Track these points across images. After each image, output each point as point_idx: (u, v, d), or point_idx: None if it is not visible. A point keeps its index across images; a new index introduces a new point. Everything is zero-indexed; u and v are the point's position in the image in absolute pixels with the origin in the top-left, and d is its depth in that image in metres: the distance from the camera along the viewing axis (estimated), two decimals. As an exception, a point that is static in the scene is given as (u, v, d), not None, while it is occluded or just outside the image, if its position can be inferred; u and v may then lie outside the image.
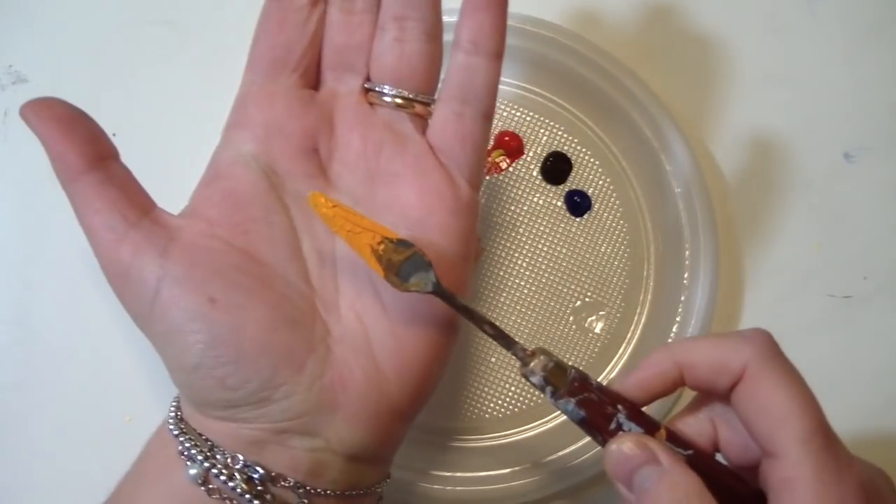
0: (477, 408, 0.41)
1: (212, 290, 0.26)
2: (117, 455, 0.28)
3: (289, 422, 0.26)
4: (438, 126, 0.30)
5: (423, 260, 0.26)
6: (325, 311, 0.28)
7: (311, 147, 0.29)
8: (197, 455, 0.26)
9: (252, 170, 0.28)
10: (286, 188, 0.29)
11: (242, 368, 0.25)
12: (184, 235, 0.27)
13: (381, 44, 0.30)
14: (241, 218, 0.28)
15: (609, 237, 0.42)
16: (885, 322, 0.43)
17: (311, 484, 0.26)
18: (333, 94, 0.31)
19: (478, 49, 0.29)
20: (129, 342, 0.41)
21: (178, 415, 0.27)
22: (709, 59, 0.46)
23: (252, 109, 0.29)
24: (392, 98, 0.30)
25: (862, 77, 0.45)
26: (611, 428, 0.25)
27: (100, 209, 0.26)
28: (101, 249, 0.26)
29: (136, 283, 0.26)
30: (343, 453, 0.27)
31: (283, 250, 0.28)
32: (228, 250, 0.27)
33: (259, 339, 0.26)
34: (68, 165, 0.26)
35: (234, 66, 0.31)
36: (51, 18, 0.46)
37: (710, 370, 0.25)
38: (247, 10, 0.31)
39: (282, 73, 0.29)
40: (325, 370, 0.27)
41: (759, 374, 0.24)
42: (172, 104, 0.45)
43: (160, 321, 0.26)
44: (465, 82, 0.30)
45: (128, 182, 0.27)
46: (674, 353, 0.26)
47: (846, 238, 0.43)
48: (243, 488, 0.25)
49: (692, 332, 0.39)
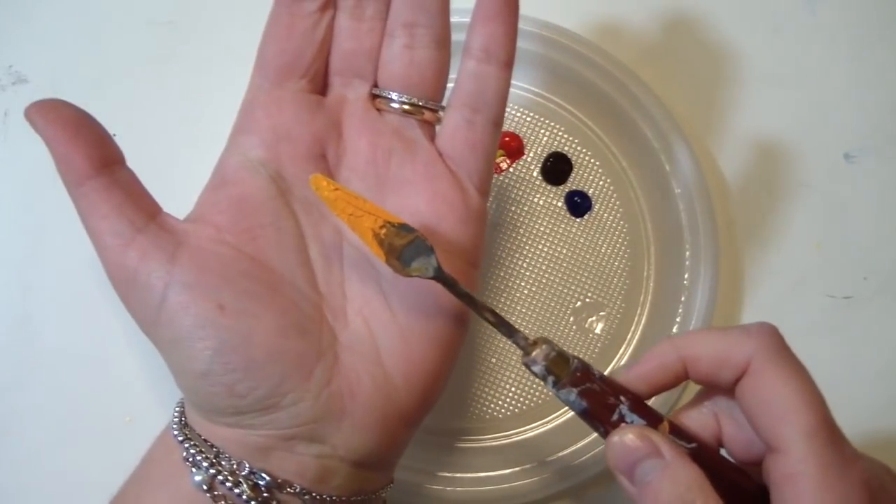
0: (477, 408, 0.41)
1: (220, 296, 0.26)
2: (117, 456, 0.28)
3: (296, 428, 0.26)
4: (449, 133, 0.30)
5: (424, 244, 0.26)
6: (332, 318, 0.28)
7: (319, 153, 0.29)
8: (202, 461, 0.25)
9: (260, 175, 0.28)
10: (294, 194, 0.29)
11: (251, 375, 0.25)
12: (191, 241, 0.27)
13: (390, 50, 0.30)
14: (250, 224, 0.28)
15: (609, 238, 0.42)
16: (885, 322, 0.43)
17: (317, 490, 0.26)
18: (342, 100, 0.30)
19: (489, 58, 0.29)
20: (130, 343, 0.41)
21: (183, 420, 0.27)
22: (709, 59, 0.46)
23: (260, 115, 0.29)
24: (400, 104, 0.30)
25: (862, 77, 0.45)
26: (613, 419, 0.25)
27: (106, 214, 0.26)
28: (107, 255, 0.26)
29: (143, 289, 0.26)
30: (349, 459, 0.27)
31: (291, 256, 0.28)
32: (237, 256, 0.27)
33: (268, 345, 0.26)
34: (75, 169, 0.26)
35: (234, 66, 0.31)
36: (51, 18, 0.46)
37: (713, 364, 0.25)
38: (247, 11, 0.31)
39: (290, 78, 0.29)
40: (333, 377, 0.27)
41: (763, 368, 0.24)
42: (172, 104, 0.45)
43: (167, 328, 0.26)
44: (476, 90, 0.30)
45: (134, 186, 0.27)
46: (677, 346, 0.25)
47: (846, 238, 0.43)
48: (249, 495, 0.25)
49: (692, 333, 0.40)
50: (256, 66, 0.30)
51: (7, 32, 0.46)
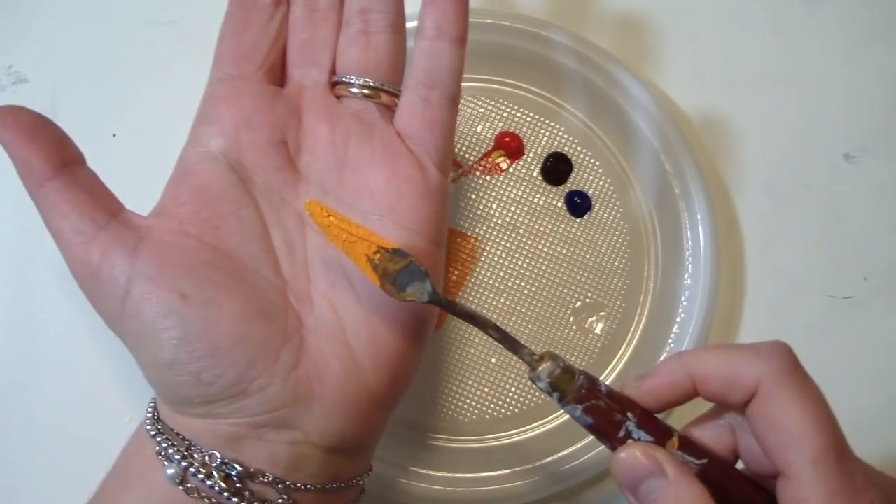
0: (477, 408, 0.41)
1: (183, 286, 0.26)
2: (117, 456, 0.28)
3: (266, 415, 0.26)
4: (406, 112, 0.31)
5: (419, 270, 0.26)
6: (297, 302, 0.28)
7: (279, 139, 0.30)
8: (174, 455, 0.26)
9: (220, 165, 0.29)
10: (255, 182, 0.29)
11: (217, 362, 0.26)
12: (153, 234, 0.27)
13: (347, 37, 0.31)
14: (211, 213, 0.28)
15: (609, 238, 0.42)
16: (885, 322, 0.43)
17: (291, 478, 0.26)
18: (300, 88, 0.31)
19: (441, 34, 0.30)
20: (130, 342, 0.41)
21: (155, 415, 0.27)
22: (709, 59, 0.46)
23: (220, 106, 0.30)
24: (359, 89, 0.31)
25: (862, 77, 0.45)
26: (619, 435, 0.25)
27: (67, 214, 0.26)
28: (69, 253, 0.27)
29: (106, 284, 0.26)
30: (322, 445, 0.27)
31: (253, 244, 0.28)
32: (199, 246, 0.27)
33: (232, 332, 0.26)
34: (34, 171, 0.26)
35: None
36: (51, 19, 0.46)
37: (722, 384, 0.24)
38: (247, 11, 0.31)
39: (248, 69, 0.30)
40: (300, 361, 0.27)
41: (772, 391, 0.23)
42: (172, 104, 0.45)
43: (132, 320, 0.26)
44: (430, 67, 0.30)
45: (95, 186, 0.28)
46: (686, 364, 0.25)
47: (846, 238, 0.43)
48: (221, 486, 0.25)
49: (693, 333, 0.40)
50: (215, 59, 0.31)
51: (7, 32, 0.45)
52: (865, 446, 0.24)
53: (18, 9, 0.46)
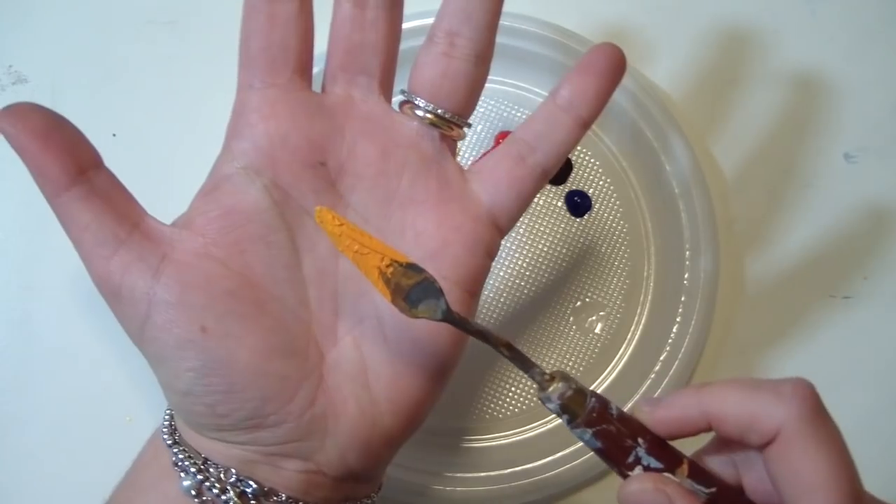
0: (477, 409, 0.41)
1: (204, 317, 0.25)
2: (118, 456, 0.28)
3: (279, 446, 0.26)
4: (496, 162, 0.29)
5: (433, 286, 0.25)
6: (321, 335, 0.27)
7: (319, 160, 0.27)
8: (190, 467, 0.25)
9: (253, 185, 0.27)
10: (289, 205, 0.27)
11: (233, 398, 0.25)
12: (177, 254, 0.26)
13: (427, 55, 0.28)
14: (239, 236, 0.26)
15: (609, 237, 0.42)
16: (885, 322, 0.43)
17: (304, 499, 0.26)
18: (347, 100, 0.28)
19: (571, 109, 0.29)
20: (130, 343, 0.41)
21: (172, 425, 0.27)
22: (709, 59, 0.46)
23: (253, 118, 0.27)
24: (426, 113, 0.28)
25: (862, 77, 0.45)
26: (629, 461, 0.24)
27: (87, 225, 0.25)
28: (90, 266, 0.26)
29: (127, 303, 0.25)
30: (332, 475, 0.27)
31: (281, 272, 0.27)
32: (223, 274, 0.26)
33: (251, 368, 0.25)
34: (50, 181, 0.25)
35: (235, 67, 0.31)
36: (51, 19, 0.46)
37: (740, 427, 0.23)
38: (247, 11, 0.31)
39: (281, 76, 0.27)
40: (317, 398, 0.26)
41: (793, 438, 0.22)
42: (172, 104, 0.45)
43: (150, 344, 0.25)
44: (542, 132, 0.29)
45: (115, 191, 0.26)
46: (702, 401, 0.24)
47: (846, 238, 0.43)
48: (236, 502, 0.25)
49: (692, 333, 0.40)
50: (242, 63, 0.28)
51: (7, 32, 0.46)
52: (865, 446, 0.24)
53: (18, 9, 0.46)
